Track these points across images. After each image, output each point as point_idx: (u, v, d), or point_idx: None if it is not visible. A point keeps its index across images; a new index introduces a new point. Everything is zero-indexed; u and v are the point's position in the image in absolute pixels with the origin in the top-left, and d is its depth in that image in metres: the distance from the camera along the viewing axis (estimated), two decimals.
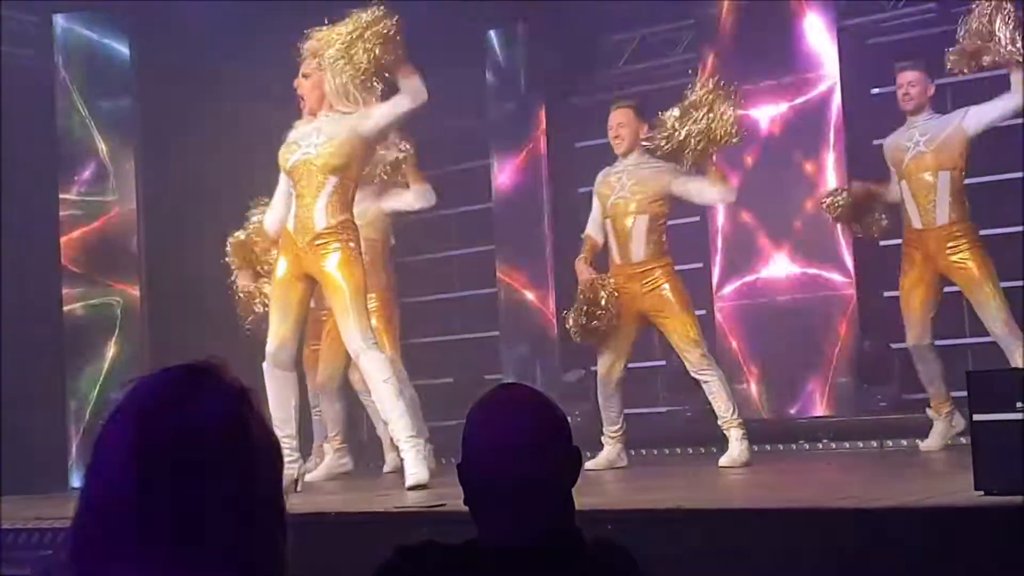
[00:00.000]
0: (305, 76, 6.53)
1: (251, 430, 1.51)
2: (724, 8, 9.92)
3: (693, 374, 7.28)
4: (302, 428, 6.81)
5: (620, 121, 7.42)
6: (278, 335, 6.49)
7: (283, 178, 6.68)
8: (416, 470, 6.17)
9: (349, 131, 6.43)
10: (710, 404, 7.33)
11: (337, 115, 6.48)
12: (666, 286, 7.29)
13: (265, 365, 6.49)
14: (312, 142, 6.47)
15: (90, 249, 9.27)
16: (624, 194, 7.34)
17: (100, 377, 9.07)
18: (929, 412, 7.54)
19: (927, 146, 7.29)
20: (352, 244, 6.45)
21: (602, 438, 7.60)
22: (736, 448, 7.11)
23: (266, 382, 6.39)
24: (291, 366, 6.57)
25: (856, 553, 3.91)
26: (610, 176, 7.49)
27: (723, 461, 7.13)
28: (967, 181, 7.41)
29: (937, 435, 7.46)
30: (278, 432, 5.87)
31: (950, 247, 7.22)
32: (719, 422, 7.23)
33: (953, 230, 7.24)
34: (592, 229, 7.63)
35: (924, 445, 7.52)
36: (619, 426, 7.60)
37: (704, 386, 7.24)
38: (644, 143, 7.40)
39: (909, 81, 7.40)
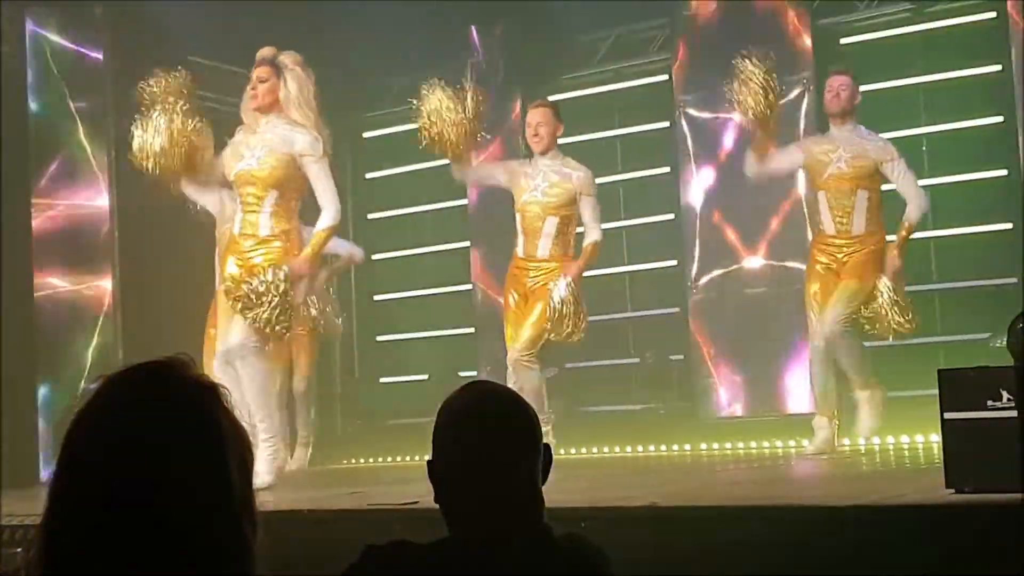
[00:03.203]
0: (262, 80, 6.62)
1: (221, 426, 1.51)
2: (697, 8, 9.93)
3: (510, 362, 7.36)
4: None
5: (539, 120, 7.56)
6: (226, 336, 6.60)
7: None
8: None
9: (289, 151, 6.55)
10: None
11: (285, 125, 6.58)
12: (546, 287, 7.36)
13: (216, 364, 6.58)
14: (256, 154, 6.60)
15: (62, 242, 9.23)
16: (537, 195, 7.48)
17: (70, 370, 9.03)
18: (818, 419, 7.58)
19: (848, 164, 7.42)
20: (293, 253, 6.56)
21: None
22: None
23: (222, 381, 6.46)
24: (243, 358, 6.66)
25: (828, 551, 3.92)
26: (526, 173, 7.59)
27: None
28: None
29: (822, 441, 7.51)
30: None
31: (854, 254, 7.33)
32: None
33: (865, 240, 7.36)
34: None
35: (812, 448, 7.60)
36: None
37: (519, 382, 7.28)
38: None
39: (840, 84, 7.54)
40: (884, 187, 7.50)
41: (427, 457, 2.21)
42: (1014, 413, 3.98)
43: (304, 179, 6.61)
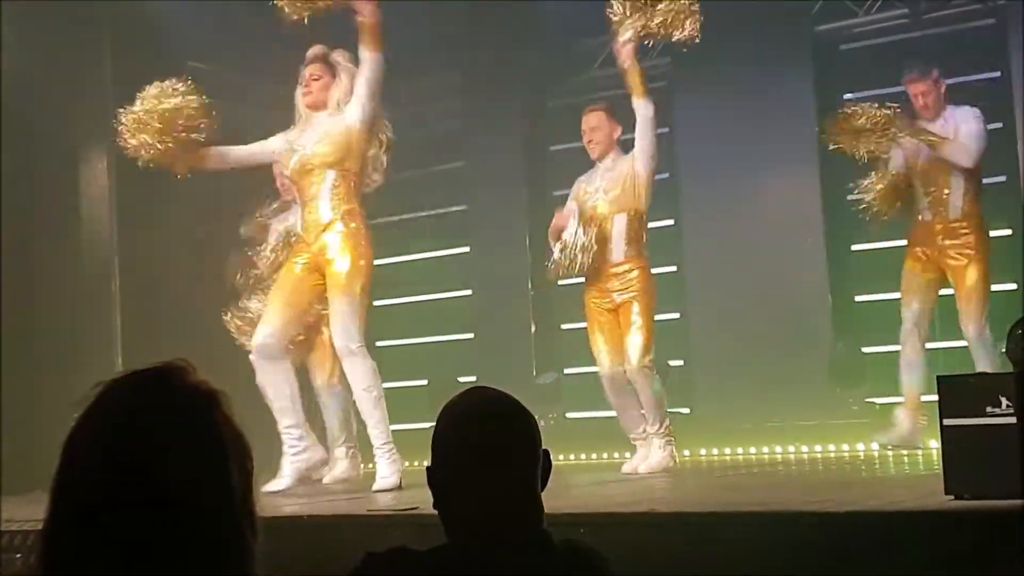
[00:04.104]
0: (315, 78, 6.71)
1: (221, 432, 1.51)
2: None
3: (630, 376, 7.28)
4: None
5: (593, 125, 7.40)
6: (270, 324, 6.58)
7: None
8: (388, 473, 6.26)
9: (340, 123, 6.62)
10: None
11: (335, 113, 6.67)
12: (638, 290, 7.30)
13: (253, 357, 6.56)
14: (306, 143, 6.66)
15: (67, 246, 9.24)
16: (600, 195, 7.35)
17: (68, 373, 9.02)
18: (898, 413, 7.58)
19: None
20: (359, 235, 6.54)
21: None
22: (657, 455, 7.20)
23: (257, 375, 6.47)
24: (280, 355, 6.60)
25: (827, 556, 3.92)
26: (585, 182, 7.50)
27: (643, 468, 7.19)
28: None
29: (897, 435, 7.52)
30: (280, 423, 5.77)
31: (955, 241, 7.25)
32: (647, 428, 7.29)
33: (963, 225, 7.28)
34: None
35: (883, 440, 7.62)
36: (642, 428, 7.44)
37: (639, 391, 7.26)
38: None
39: (921, 91, 7.41)
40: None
41: (426, 463, 2.21)
42: (1013, 419, 3.98)
43: (360, 158, 6.64)
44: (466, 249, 11.09)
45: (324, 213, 6.57)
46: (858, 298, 9.17)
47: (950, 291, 7.50)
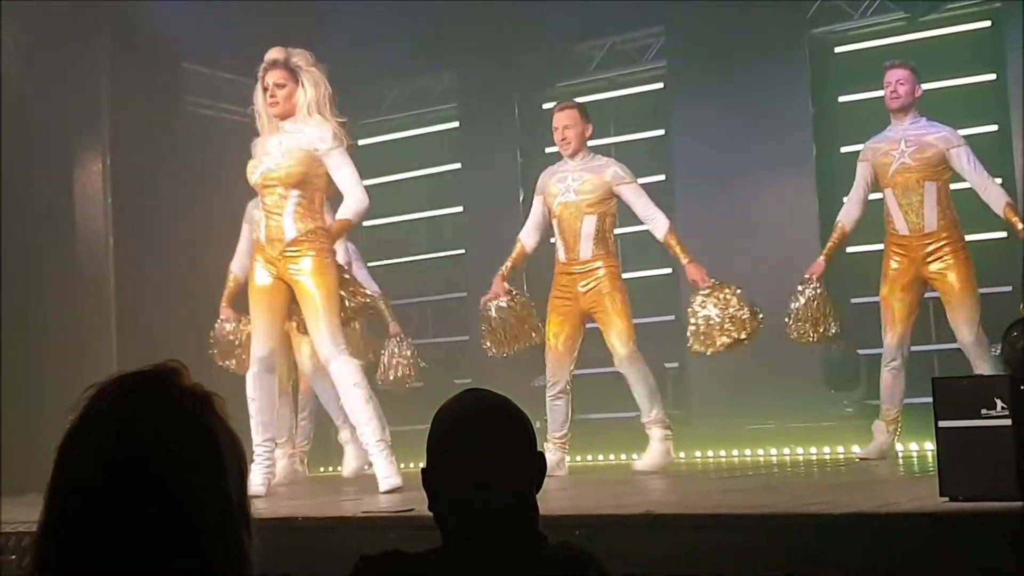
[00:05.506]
0: (279, 86, 6.52)
1: (215, 434, 1.51)
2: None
3: (619, 368, 7.36)
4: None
5: (566, 123, 7.44)
6: (266, 340, 6.56)
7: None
8: (388, 474, 6.24)
9: (308, 146, 6.46)
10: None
11: (301, 126, 6.51)
12: (607, 285, 7.34)
13: (253, 370, 6.54)
14: (273, 156, 6.52)
15: (62, 248, 9.23)
16: (571, 195, 7.40)
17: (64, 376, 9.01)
18: (877, 424, 7.56)
19: (912, 158, 7.31)
20: (324, 251, 6.47)
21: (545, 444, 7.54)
22: (656, 449, 7.22)
23: (254, 386, 6.48)
24: (274, 370, 6.66)
25: (822, 558, 3.93)
26: (555, 176, 7.53)
27: (639, 466, 7.20)
28: (957, 186, 7.46)
29: (876, 447, 7.51)
30: (261, 435, 5.73)
31: (934, 253, 7.27)
32: (642, 419, 7.34)
33: (940, 236, 7.27)
34: (525, 232, 7.78)
35: (863, 452, 7.61)
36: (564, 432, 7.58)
37: (630, 382, 7.34)
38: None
39: (898, 79, 7.38)
40: (956, 185, 7.46)
41: (422, 464, 2.21)
42: (1008, 421, 3.98)
43: (326, 176, 6.51)
44: (462, 251, 11.09)
45: (288, 230, 6.45)
46: (853, 300, 9.16)
47: (935, 293, 7.52)
